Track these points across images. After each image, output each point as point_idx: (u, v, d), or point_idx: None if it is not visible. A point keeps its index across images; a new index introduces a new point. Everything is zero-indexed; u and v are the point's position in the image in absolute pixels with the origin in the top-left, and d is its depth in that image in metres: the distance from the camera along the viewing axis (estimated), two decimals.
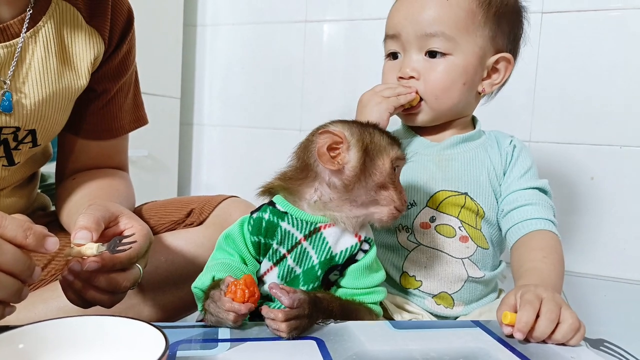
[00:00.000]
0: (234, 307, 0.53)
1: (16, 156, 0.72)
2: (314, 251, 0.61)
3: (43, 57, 0.69)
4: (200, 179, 1.75)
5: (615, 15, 1.21)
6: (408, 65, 0.78)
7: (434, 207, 0.77)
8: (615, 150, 1.23)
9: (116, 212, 0.61)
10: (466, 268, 0.76)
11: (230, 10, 1.65)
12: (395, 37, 0.79)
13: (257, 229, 0.61)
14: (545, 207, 0.75)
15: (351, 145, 0.59)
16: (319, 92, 1.54)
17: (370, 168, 0.59)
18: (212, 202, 0.83)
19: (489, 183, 0.78)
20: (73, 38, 0.73)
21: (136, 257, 0.58)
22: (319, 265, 0.61)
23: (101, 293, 0.55)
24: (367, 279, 0.62)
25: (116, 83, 0.81)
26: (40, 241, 0.48)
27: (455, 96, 0.78)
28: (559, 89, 1.27)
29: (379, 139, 0.61)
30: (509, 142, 0.82)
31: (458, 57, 0.76)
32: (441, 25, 0.74)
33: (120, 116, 0.85)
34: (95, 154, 0.85)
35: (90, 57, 0.74)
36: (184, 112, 1.69)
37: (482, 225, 0.77)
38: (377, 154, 0.60)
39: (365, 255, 0.62)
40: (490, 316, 0.72)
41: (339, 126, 0.60)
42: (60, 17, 0.71)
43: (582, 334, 0.55)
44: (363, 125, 0.62)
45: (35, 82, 0.69)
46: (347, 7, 1.49)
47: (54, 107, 0.72)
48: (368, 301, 0.62)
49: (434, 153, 0.80)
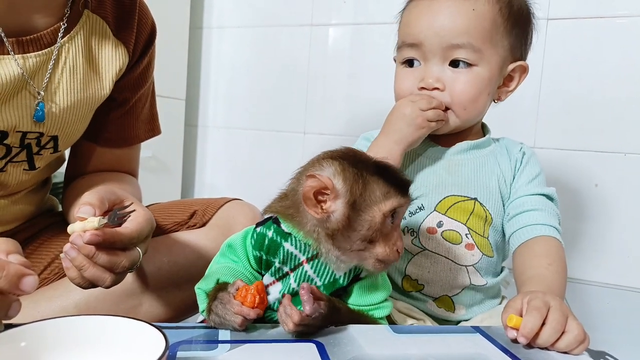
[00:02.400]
0: (243, 311, 0.53)
1: (37, 161, 0.73)
2: (315, 274, 0.59)
3: (72, 66, 0.71)
4: (204, 181, 1.75)
5: (620, 22, 1.21)
6: (431, 75, 0.76)
7: (442, 212, 0.77)
8: (620, 157, 1.22)
9: (121, 195, 0.61)
10: (470, 275, 0.76)
11: (236, 13, 1.65)
12: (416, 46, 0.76)
13: (260, 245, 0.60)
14: (551, 214, 0.75)
15: (339, 195, 0.54)
16: (323, 95, 1.55)
17: (355, 222, 0.54)
18: (215, 205, 0.84)
19: (498, 190, 0.78)
20: (100, 49, 0.74)
21: (137, 238, 0.58)
22: (323, 287, 0.59)
23: (101, 271, 0.55)
24: (372, 296, 0.61)
25: (136, 93, 0.83)
26: (14, 283, 0.45)
27: (481, 106, 0.78)
28: (563, 95, 1.27)
29: (373, 189, 0.55)
30: (519, 149, 0.82)
31: (484, 68, 0.75)
32: (468, 37, 0.73)
33: (137, 125, 0.86)
34: (108, 160, 0.86)
35: (116, 68, 0.76)
36: (188, 114, 1.69)
37: (490, 232, 0.77)
38: (366, 208, 0.54)
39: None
40: (492, 322, 0.72)
41: (331, 169, 0.55)
42: (90, 29, 0.73)
43: (586, 345, 0.55)
44: (360, 168, 0.55)
45: (63, 90, 0.71)
46: (352, 11, 1.49)
47: (78, 115, 0.74)
48: (376, 316, 0.62)
49: (444, 158, 0.80)
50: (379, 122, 0.81)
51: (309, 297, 0.52)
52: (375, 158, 0.58)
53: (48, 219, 0.84)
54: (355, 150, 0.60)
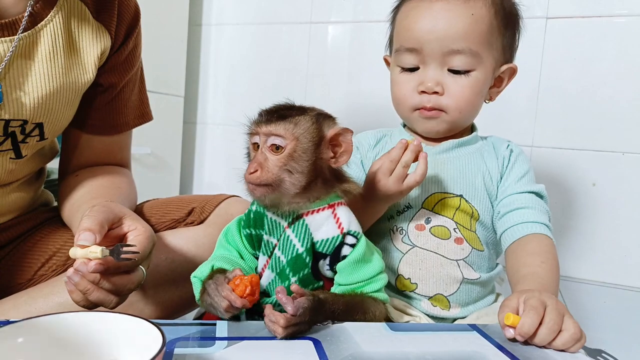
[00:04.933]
0: (231, 297, 0.54)
1: (23, 149, 0.73)
2: (297, 239, 0.61)
3: (50, 50, 0.70)
4: (203, 178, 1.75)
5: (619, 21, 1.21)
6: (431, 79, 0.76)
7: (430, 208, 0.78)
8: (618, 157, 1.23)
9: (119, 213, 0.61)
10: (461, 269, 0.76)
11: (235, 10, 1.65)
12: (416, 50, 0.76)
13: (248, 221, 0.64)
14: (541, 212, 0.76)
15: None
16: (322, 93, 1.55)
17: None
18: (213, 201, 0.84)
19: (484, 187, 0.79)
20: (80, 32, 0.73)
21: (141, 260, 0.58)
22: (306, 252, 0.61)
23: (105, 294, 0.56)
24: (360, 273, 0.62)
25: (122, 78, 0.82)
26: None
27: (476, 109, 0.79)
28: (562, 95, 1.27)
29: (255, 116, 0.63)
30: (506, 147, 0.82)
31: (480, 72, 0.75)
32: (468, 41, 0.73)
33: (126, 112, 0.85)
34: (99, 149, 0.85)
35: (97, 51, 0.75)
36: (187, 111, 1.69)
37: (477, 227, 0.78)
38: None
39: (353, 250, 0.62)
40: (488, 320, 0.72)
41: None
42: (68, 12, 0.72)
43: (583, 344, 0.55)
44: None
45: (42, 75, 0.69)
46: (352, 9, 1.49)
47: (61, 101, 0.73)
48: (369, 291, 0.62)
49: (430, 156, 0.80)
50: (378, 119, 0.82)
51: (286, 298, 0.53)
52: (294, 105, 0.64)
53: (44, 214, 0.84)
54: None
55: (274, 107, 0.63)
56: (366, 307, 0.62)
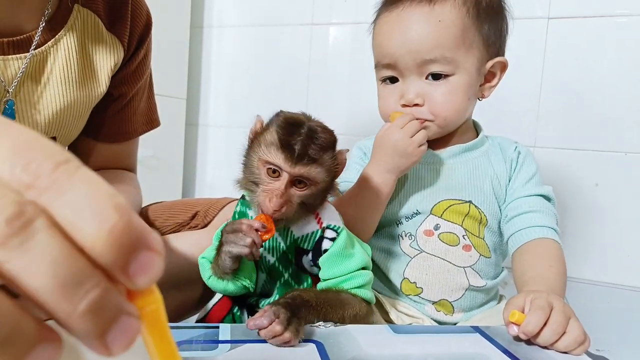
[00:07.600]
0: (254, 223, 0.57)
1: None
2: (281, 237, 0.64)
3: (64, 66, 0.69)
4: (205, 180, 1.75)
5: (620, 21, 1.21)
6: (411, 91, 0.75)
7: (439, 214, 0.77)
8: (620, 157, 1.22)
9: None
10: (468, 277, 0.76)
11: (236, 12, 1.65)
12: (392, 66, 0.76)
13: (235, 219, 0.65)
14: (548, 215, 0.75)
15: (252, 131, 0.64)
16: (324, 94, 1.55)
17: (249, 161, 0.61)
18: (217, 205, 0.84)
19: (492, 191, 0.78)
20: (94, 47, 0.73)
21: None
22: (287, 248, 0.63)
23: None
24: (341, 266, 0.62)
25: (133, 87, 0.82)
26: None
27: (462, 112, 0.77)
28: (564, 95, 1.27)
29: (265, 136, 0.59)
30: (514, 149, 0.81)
31: (461, 76, 0.74)
32: (440, 50, 0.72)
33: (134, 120, 0.85)
34: (106, 156, 0.85)
35: (111, 64, 0.75)
36: (189, 113, 1.69)
37: (485, 233, 0.77)
38: (255, 149, 0.60)
39: (334, 243, 0.62)
40: (490, 322, 0.72)
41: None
42: (81, 26, 0.71)
43: (586, 347, 0.55)
44: (275, 117, 0.62)
45: (56, 92, 0.69)
46: (353, 10, 1.49)
47: (74, 115, 0.73)
48: (349, 287, 0.62)
49: (437, 162, 0.80)
50: (379, 121, 0.81)
51: (255, 319, 0.52)
52: (302, 116, 0.61)
53: None
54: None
55: (299, 141, 0.57)
56: (347, 302, 0.61)
